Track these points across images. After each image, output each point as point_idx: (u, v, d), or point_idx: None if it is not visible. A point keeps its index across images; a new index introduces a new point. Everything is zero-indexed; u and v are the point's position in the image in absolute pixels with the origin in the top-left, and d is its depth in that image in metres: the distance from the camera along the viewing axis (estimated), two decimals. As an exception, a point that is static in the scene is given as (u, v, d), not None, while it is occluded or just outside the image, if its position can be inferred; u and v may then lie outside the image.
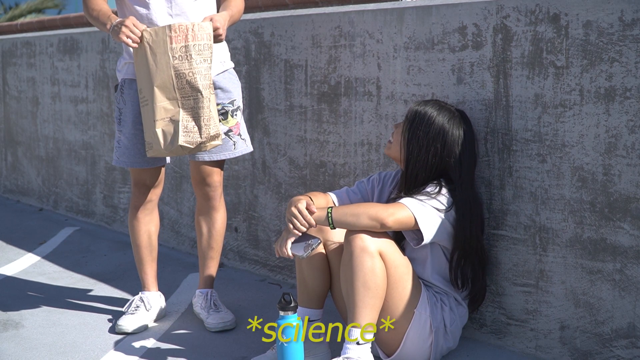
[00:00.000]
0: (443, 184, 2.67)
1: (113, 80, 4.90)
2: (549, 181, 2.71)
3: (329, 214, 2.59)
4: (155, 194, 3.25)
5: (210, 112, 2.84)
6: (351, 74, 3.38)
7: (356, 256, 2.52)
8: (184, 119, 2.82)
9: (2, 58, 6.20)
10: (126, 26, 2.83)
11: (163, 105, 2.82)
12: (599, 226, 2.60)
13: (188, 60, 2.80)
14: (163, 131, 2.84)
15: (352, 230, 2.56)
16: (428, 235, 2.59)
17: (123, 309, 3.32)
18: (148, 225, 3.28)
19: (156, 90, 2.81)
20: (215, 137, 2.88)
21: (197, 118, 2.83)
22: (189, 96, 2.82)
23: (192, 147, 2.85)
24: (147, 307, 3.25)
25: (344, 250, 2.58)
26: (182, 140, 2.82)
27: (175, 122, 2.82)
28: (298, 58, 3.62)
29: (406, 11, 3.14)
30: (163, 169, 3.26)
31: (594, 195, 2.60)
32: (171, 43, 2.79)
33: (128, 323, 3.16)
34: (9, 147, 6.20)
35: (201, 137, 2.85)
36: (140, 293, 3.32)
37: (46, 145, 5.68)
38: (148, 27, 2.92)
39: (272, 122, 3.78)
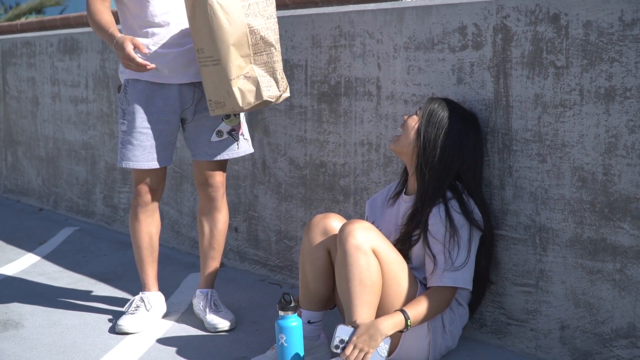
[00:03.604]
0: (457, 189, 2.69)
1: (113, 80, 4.90)
2: (549, 181, 2.71)
3: (408, 321, 2.56)
4: (157, 195, 3.25)
5: (281, 65, 2.99)
6: (351, 74, 3.38)
7: (350, 254, 2.52)
8: (260, 74, 2.92)
9: (2, 58, 6.20)
10: (125, 58, 2.89)
11: (238, 63, 2.89)
12: (599, 226, 2.60)
13: (259, 16, 2.89)
14: (240, 89, 2.90)
15: (345, 229, 2.56)
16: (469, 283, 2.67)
17: (123, 309, 3.32)
18: (149, 226, 3.27)
19: (232, 48, 2.86)
20: (286, 89, 3.01)
21: (272, 72, 2.94)
22: (262, 52, 2.91)
23: (273, 100, 2.96)
24: (148, 307, 3.25)
25: (338, 250, 2.58)
26: (265, 95, 2.92)
27: (251, 79, 2.91)
28: (298, 58, 3.62)
29: (406, 11, 3.14)
30: (165, 170, 3.26)
31: (594, 195, 2.60)
32: (242, 0, 2.88)
33: (128, 323, 3.16)
34: (9, 147, 6.20)
35: (279, 90, 2.96)
36: (140, 293, 3.32)
37: (46, 145, 5.68)
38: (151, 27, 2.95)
39: (272, 122, 3.78)
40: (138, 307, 3.24)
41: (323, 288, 2.76)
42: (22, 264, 4.26)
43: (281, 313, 2.54)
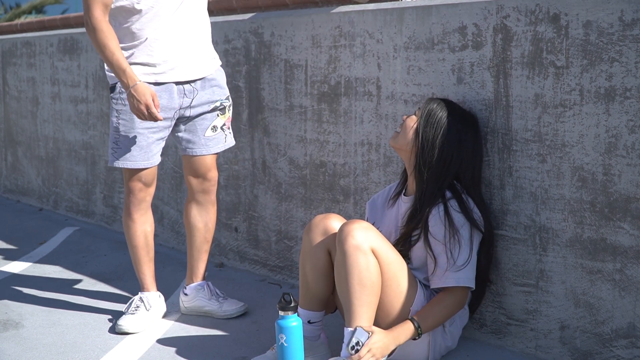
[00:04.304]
0: (456, 189, 2.69)
1: (113, 80, 4.90)
2: (549, 181, 2.71)
3: (419, 329, 2.58)
4: (149, 194, 3.25)
5: None
6: (351, 74, 3.38)
7: (349, 254, 2.52)
8: None
9: (2, 58, 6.20)
10: (141, 106, 2.94)
11: None
12: (599, 226, 2.60)
13: None
14: None
15: (344, 229, 2.56)
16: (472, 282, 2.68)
17: (123, 309, 3.32)
18: (144, 225, 3.27)
19: None
20: None
21: None
22: None
23: None
24: (147, 307, 3.26)
25: (337, 250, 2.58)
26: None
27: None
28: (298, 58, 3.62)
29: (406, 11, 3.14)
30: (156, 168, 3.26)
31: (594, 195, 2.60)
32: None
33: (128, 323, 3.17)
34: (9, 147, 6.20)
35: None
36: (140, 293, 3.32)
37: (46, 145, 5.68)
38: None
39: (272, 122, 3.78)
40: (138, 307, 3.25)
41: (323, 288, 2.76)
42: (22, 263, 4.26)
43: (281, 313, 2.54)
